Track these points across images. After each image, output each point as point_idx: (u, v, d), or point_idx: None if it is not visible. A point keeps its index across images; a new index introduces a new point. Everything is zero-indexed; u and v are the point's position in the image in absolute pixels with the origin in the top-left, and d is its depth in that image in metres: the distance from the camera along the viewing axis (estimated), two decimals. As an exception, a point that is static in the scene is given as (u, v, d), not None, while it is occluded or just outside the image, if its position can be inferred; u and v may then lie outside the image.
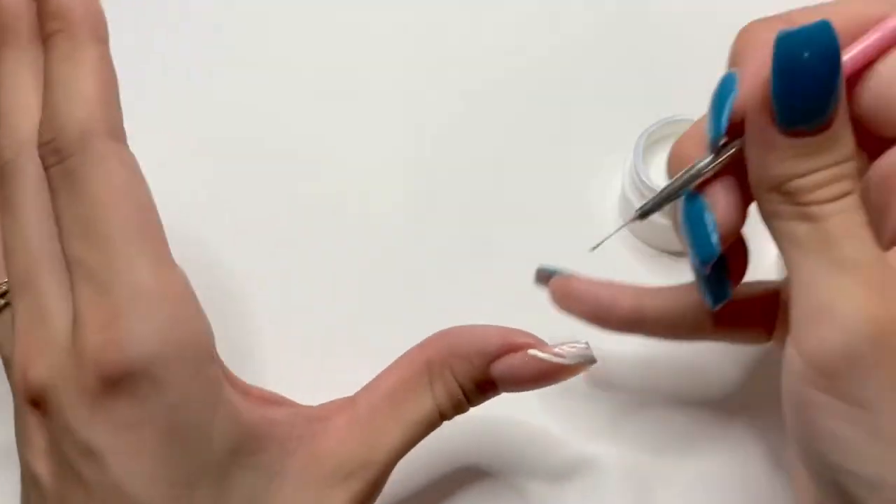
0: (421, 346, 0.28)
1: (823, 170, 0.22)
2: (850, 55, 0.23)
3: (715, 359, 0.33)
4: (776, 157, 0.22)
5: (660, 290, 0.28)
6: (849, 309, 0.21)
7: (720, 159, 0.24)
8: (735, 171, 0.24)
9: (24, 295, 0.25)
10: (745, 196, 0.24)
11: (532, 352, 0.26)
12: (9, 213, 0.25)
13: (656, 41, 0.40)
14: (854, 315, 0.21)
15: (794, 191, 0.22)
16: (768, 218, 0.23)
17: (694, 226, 0.24)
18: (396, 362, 0.28)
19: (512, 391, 0.27)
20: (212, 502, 0.24)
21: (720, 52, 0.26)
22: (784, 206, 0.22)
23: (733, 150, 0.24)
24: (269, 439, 0.25)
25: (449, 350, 0.27)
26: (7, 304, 0.26)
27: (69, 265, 0.24)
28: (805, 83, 0.21)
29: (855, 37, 0.23)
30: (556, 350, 0.26)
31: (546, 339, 0.27)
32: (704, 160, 0.24)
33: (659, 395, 0.33)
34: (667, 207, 0.26)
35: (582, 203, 0.36)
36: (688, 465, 0.32)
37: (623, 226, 0.27)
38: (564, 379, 0.27)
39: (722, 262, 0.25)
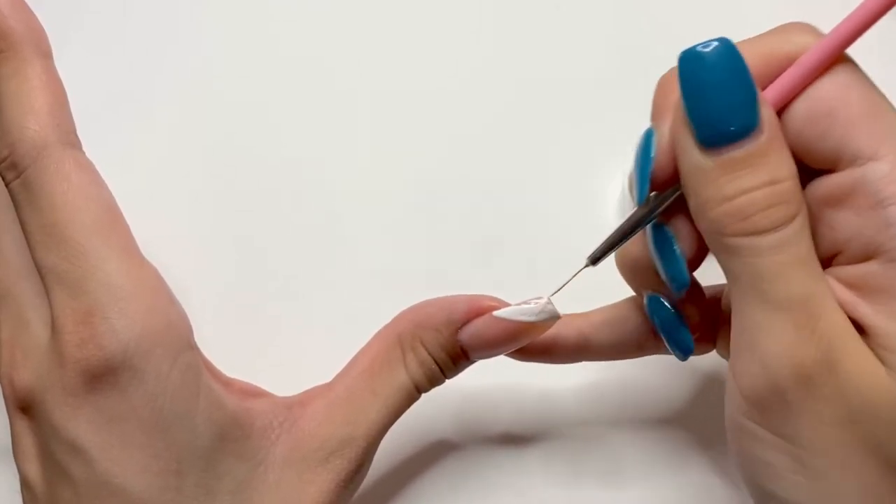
0: (391, 323, 0.28)
1: (755, 190, 0.21)
2: (769, 93, 0.23)
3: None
4: (705, 180, 0.22)
5: (600, 313, 0.29)
6: (775, 351, 0.21)
7: (660, 207, 0.24)
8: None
9: (6, 306, 0.26)
10: None
11: (496, 313, 0.27)
12: None
13: (657, 41, 0.40)
14: (780, 357, 0.21)
15: (728, 220, 0.22)
16: (711, 247, 0.23)
17: (663, 256, 0.25)
18: (369, 342, 0.28)
19: (483, 357, 0.28)
20: (201, 490, 0.25)
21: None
22: (719, 238, 0.22)
23: (676, 193, 0.24)
24: (251, 429, 0.26)
25: (417, 322, 0.27)
26: None
27: (41, 274, 0.25)
28: (711, 93, 0.22)
29: (777, 73, 0.23)
30: (520, 309, 0.27)
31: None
32: (644, 208, 0.25)
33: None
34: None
35: (582, 204, 0.36)
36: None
37: (576, 273, 0.27)
38: (532, 338, 0.27)
39: (679, 313, 0.26)
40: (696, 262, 0.25)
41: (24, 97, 0.25)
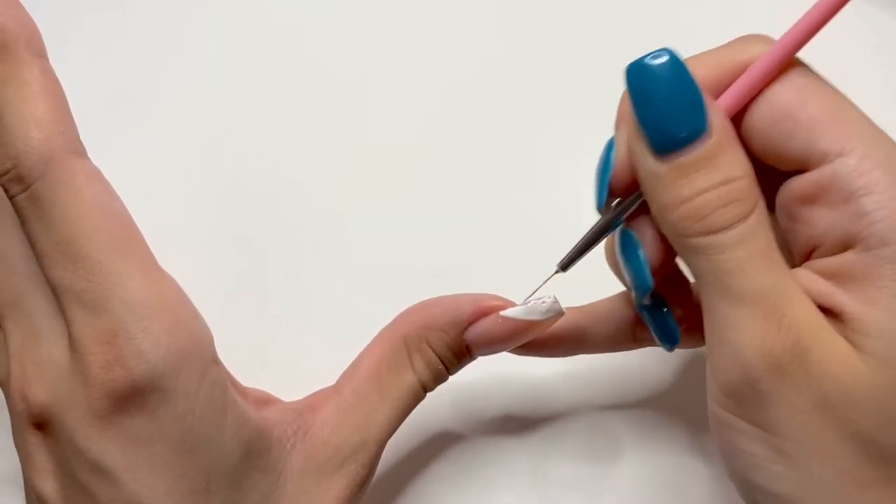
0: (394, 324, 0.28)
1: (709, 190, 0.22)
2: (722, 100, 0.24)
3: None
4: (661, 185, 0.23)
5: (596, 306, 0.29)
6: (745, 343, 0.22)
7: (625, 212, 0.25)
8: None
9: (15, 317, 0.25)
10: None
11: (503, 313, 0.27)
12: None
13: (657, 41, 0.40)
14: (750, 349, 0.22)
15: (686, 221, 0.22)
16: (677, 250, 0.24)
17: (627, 260, 0.25)
18: (372, 344, 0.28)
19: (487, 354, 0.28)
20: None
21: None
22: (681, 240, 0.23)
23: (639, 200, 0.25)
24: (270, 440, 0.26)
25: (423, 323, 0.28)
26: None
27: (55, 291, 0.24)
28: (658, 101, 0.22)
29: (733, 81, 0.24)
30: (527, 308, 0.27)
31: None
32: (607, 215, 0.26)
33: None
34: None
35: (582, 203, 0.36)
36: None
37: (547, 279, 0.27)
38: (538, 334, 0.28)
39: (665, 305, 0.27)
40: (664, 265, 0.25)
41: (24, 104, 0.24)
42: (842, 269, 0.22)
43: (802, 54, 0.24)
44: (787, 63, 0.23)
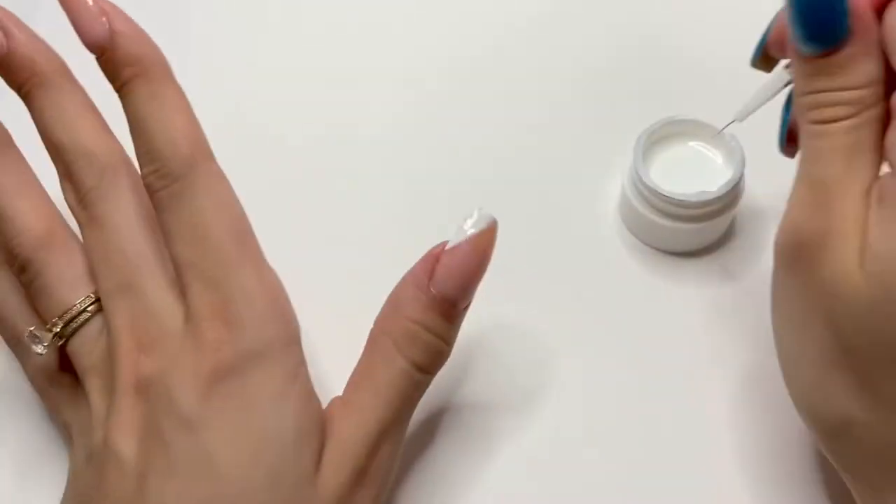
0: (374, 324, 0.29)
1: (824, 93, 0.24)
2: None
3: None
4: (798, 70, 0.25)
5: None
6: (789, 215, 0.25)
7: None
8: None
9: (127, 297, 0.28)
10: None
11: (448, 246, 0.28)
12: (99, 229, 0.28)
13: (657, 42, 0.40)
14: (788, 220, 0.25)
15: (804, 107, 0.25)
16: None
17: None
18: (362, 351, 0.29)
19: (466, 295, 0.28)
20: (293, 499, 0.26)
21: (720, 52, 0.26)
22: (800, 115, 0.25)
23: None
24: (323, 439, 0.27)
25: (393, 305, 0.28)
26: (93, 315, 0.28)
27: (180, 267, 0.27)
28: (809, 7, 0.24)
29: None
30: (461, 229, 0.28)
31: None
32: (784, 76, 0.29)
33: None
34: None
35: (583, 203, 0.37)
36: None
37: (726, 126, 0.31)
38: (489, 247, 0.28)
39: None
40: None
41: (167, 118, 0.28)
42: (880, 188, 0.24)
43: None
44: None
